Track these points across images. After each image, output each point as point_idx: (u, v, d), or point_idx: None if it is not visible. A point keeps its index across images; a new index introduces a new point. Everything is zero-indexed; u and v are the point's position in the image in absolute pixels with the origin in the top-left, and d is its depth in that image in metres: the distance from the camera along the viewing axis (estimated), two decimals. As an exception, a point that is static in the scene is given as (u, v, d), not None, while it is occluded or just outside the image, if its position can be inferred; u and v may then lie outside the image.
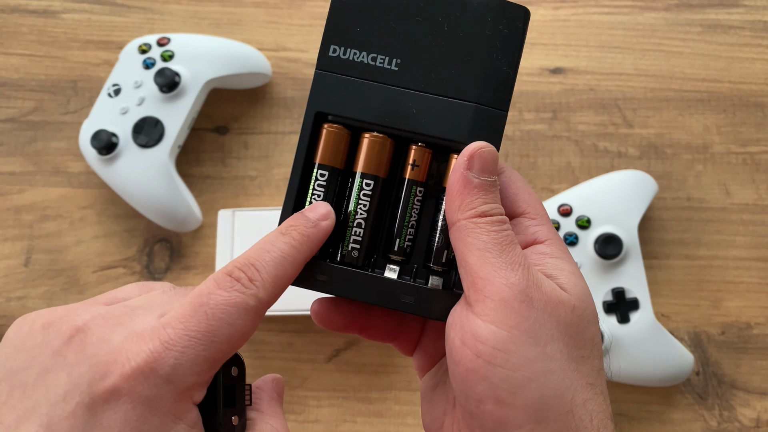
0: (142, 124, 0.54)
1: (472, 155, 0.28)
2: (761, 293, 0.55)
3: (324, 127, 0.31)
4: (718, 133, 0.58)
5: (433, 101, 0.30)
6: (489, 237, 0.27)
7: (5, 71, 0.61)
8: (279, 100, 0.60)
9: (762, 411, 0.53)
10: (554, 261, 0.28)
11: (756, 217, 0.56)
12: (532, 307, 0.26)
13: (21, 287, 0.57)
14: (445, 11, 0.30)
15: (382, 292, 0.30)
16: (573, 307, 0.27)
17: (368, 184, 0.30)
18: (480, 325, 0.26)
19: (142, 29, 0.61)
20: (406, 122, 0.30)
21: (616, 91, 0.59)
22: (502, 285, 0.26)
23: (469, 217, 0.27)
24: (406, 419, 0.53)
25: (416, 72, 0.30)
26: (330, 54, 0.30)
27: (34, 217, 0.58)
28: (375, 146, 0.31)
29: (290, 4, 0.62)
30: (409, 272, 0.31)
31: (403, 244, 0.31)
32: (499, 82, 0.30)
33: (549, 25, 0.60)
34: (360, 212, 0.31)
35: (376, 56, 0.30)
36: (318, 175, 0.31)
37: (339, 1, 0.31)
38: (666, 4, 0.60)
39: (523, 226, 0.29)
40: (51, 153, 0.59)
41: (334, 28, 0.31)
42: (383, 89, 0.30)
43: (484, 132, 0.29)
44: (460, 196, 0.28)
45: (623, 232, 0.51)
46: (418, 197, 0.31)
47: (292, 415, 0.54)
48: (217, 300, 0.25)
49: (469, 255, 0.27)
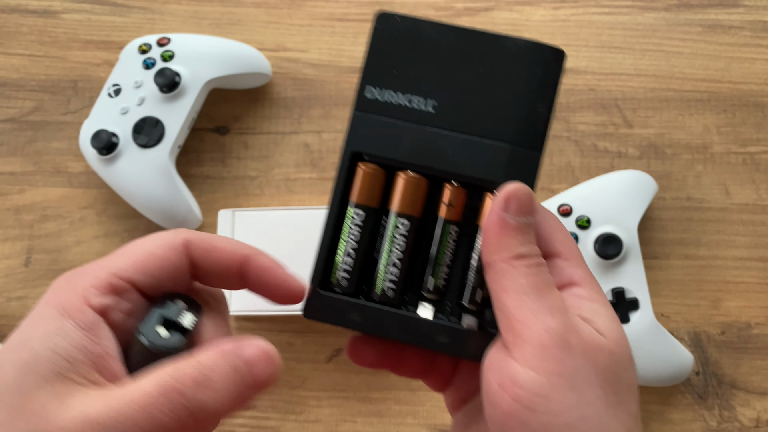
0: (143, 124, 0.54)
1: (509, 196, 0.28)
2: (761, 293, 0.55)
3: (360, 167, 0.31)
4: (718, 133, 0.58)
5: (469, 142, 0.30)
6: (527, 280, 0.27)
7: (5, 71, 0.61)
8: (279, 100, 0.60)
9: (762, 411, 0.53)
10: (590, 304, 0.28)
11: (756, 217, 0.56)
12: (571, 353, 0.26)
13: (21, 287, 0.57)
14: (481, 53, 0.30)
15: (417, 332, 0.30)
16: (611, 352, 0.27)
17: (403, 223, 0.31)
18: (519, 370, 0.26)
19: (143, 29, 0.61)
20: (441, 162, 0.30)
21: (616, 91, 0.59)
22: (541, 330, 0.26)
23: (507, 259, 0.27)
24: (406, 419, 0.53)
25: (452, 113, 0.30)
26: (367, 95, 0.31)
27: (35, 217, 0.58)
28: (410, 186, 0.31)
29: (290, 4, 0.62)
30: (442, 310, 0.31)
31: (437, 283, 0.31)
32: (534, 123, 0.30)
33: (549, 25, 0.60)
34: (395, 251, 0.31)
35: (412, 97, 0.30)
36: (354, 214, 0.31)
37: (376, 43, 0.31)
38: (666, 4, 0.60)
39: (558, 267, 0.29)
40: (51, 153, 0.59)
41: (371, 69, 0.31)
42: (419, 130, 0.30)
43: (519, 173, 0.30)
44: (497, 238, 0.28)
45: (623, 232, 0.51)
46: (452, 236, 0.31)
47: (292, 415, 0.54)
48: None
49: (507, 298, 0.27)
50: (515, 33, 0.60)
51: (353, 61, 0.60)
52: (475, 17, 0.61)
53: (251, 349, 0.25)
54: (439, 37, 0.31)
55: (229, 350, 0.25)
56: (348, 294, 0.31)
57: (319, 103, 0.59)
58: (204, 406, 0.23)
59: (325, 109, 0.59)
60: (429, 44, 0.31)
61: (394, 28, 0.31)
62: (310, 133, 0.59)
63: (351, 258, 0.31)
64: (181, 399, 0.23)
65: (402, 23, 0.31)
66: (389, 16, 0.31)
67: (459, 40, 0.30)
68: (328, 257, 0.31)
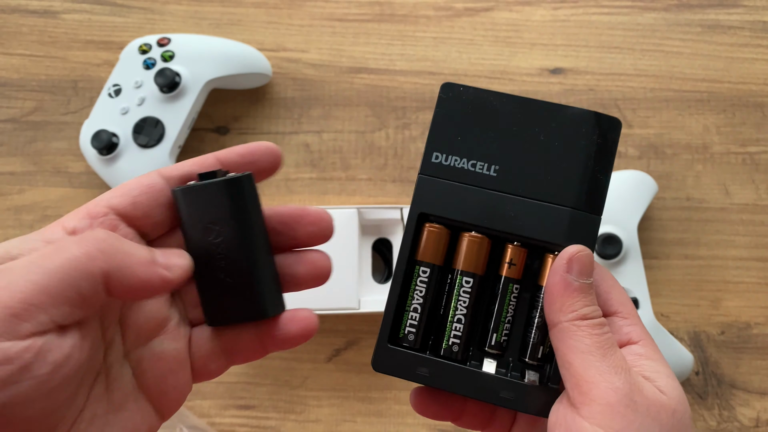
0: (143, 124, 0.54)
1: (571, 259, 0.29)
2: (761, 293, 0.55)
3: (426, 227, 0.33)
4: (717, 133, 0.58)
5: (530, 205, 0.32)
6: (591, 340, 0.28)
7: (6, 71, 0.61)
8: (279, 100, 0.60)
9: (762, 411, 0.53)
10: (650, 363, 0.29)
11: (756, 217, 0.56)
12: (637, 412, 0.27)
13: (21, 287, 0.57)
14: (542, 122, 0.32)
15: (481, 387, 0.31)
16: (673, 411, 0.28)
17: (467, 281, 0.32)
18: (587, 427, 0.27)
19: (143, 29, 0.61)
20: (504, 224, 0.32)
21: (616, 91, 0.59)
22: (608, 389, 0.27)
23: (572, 320, 0.29)
24: (406, 419, 0.54)
25: (514, 178, 0.32)
26: (433, 160, 0.33)
27: (35, 217, 0.58)
28: (474, 246, 0.32)
29: (290, 4, 0.62)
30: (505, 366, 0.32)
31: (500, 339, 0.32)
32: (593, 188, 0.32)
33: (549, 26, 0.60)
34: (460, 308, 0.32)
35: (476, 163, 0.32)
36: (420, 271, 0.32)
37: (441, 111, 0.33)
38: (666, 5, 0.60)
39: (616, 326, 0.30)
40: (51, 153, 0.59)
41: (436, 136, 0.33)
42: (482, 193, 0.32)
43: (579, 235, 0.31)
44: (561, 299, 0.29)
45: (623, 232, 0.51)
46: (514, 294, 0.32)
47: (293, 414, 0.54)
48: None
49: (573, 357, 0.28)
50: (515, 33, 0.60)
51: (353, 61, 0.60)
52: (475, 17, 0.61)
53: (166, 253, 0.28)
54: (500, 106, 0.33)
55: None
56: (415, 349, 0.32)
57: (319, 103, 0.59)
58: (104, 252, 0.25)
59: (325, 109, 0.59)
60: (491, 112, 0.33)
61: (458, 96, 0.33)
62: (310, 133, 0.59)
63: (417, 313, 0.32)
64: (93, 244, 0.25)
65: (465, 92, 0.33)
66: (453, 86, 0.33)
67: (520, 108, 0.32)
68: (396, 313, 0.32)
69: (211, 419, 0.54)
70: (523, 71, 0.59)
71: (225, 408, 0.54)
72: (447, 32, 0.61)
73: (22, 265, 0.23)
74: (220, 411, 0.54)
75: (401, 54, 0.60)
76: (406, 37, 0.61)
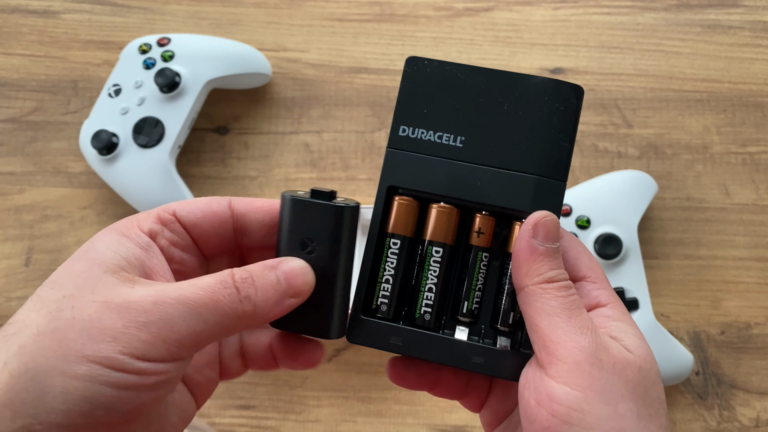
0: (143, 124, 0.54)
1: (537, 224, 0.30)
2: (761, 293, 0.55)
3: (395, 199, 0.33)
4: (717, 133, 0.58)
5: (496, 174, 0.32)
6: (557, 302, 0.29)
7: (6, 71, 0.61)
8: (279, 100, 0.60)
9: (762, 411, 0.53)
10: (617, 324, 0.30)
11: (756, 217, 0.56)
12: (603, 369, 0.27)
13: (21, 287, 0.57)
14: (505, 92, 0.33)
15: (454, 354, 0.32)
16: (639, 367, 0.28)
17: (437, 251, 0.33)
18: (554, 386, 0.28)
19: (143, 29, 0.61)
20: (471, 193, 0.32)
21: (616, 91, 0.59)
22: (574, 348, 0.28)
23: (537, 283, 0.29)
24: (406, 419, 0.54)
25: (479, 148, 0.32)
26: (400, 133, 0.33)
27: (35, 217, 0.58)
28: (443, 216, 0.33)
29: (290, 4, 0.62)
30: (477, 333, 0.33)
31: (471, 307, 0.33)
32: (557, 155, 0.32)
33: (549, 26, 0.60)
34: (430, 278, 0.33)
35: (442, 134, 0.33)
36: (391, 243, 0.33)
37: (406, 85, 0.33)
38: (666, 5, 0.60)
39: (585, 289, 0.31)
40: (51, 153, 0.59)
41: (403, 109, 0.33)
42: (449, 164, 0.33)
43: (545, 201, 0.32)
44: (527, 263, 0.30)
45: (623, 232, 0.51)
46: (483, 262, 0.33)
47: (292, 414, 0.54)
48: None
49: (540, 319, 0.29)
50: (515, 33, 0.60)
51: (353, 61, 0.60)
52: (475, 17, 0.61)
53: (289, 264, 0.29)
54: (464, 78, 0.33)
55: (270, 264, 0.29)
56: (388, 319, 0.33)
57: (319, 103, 0.59)
58: (249, 298, 0.27)
59: (325, 109, 0.59)
60: (455, 84, 0.33)
61: (423, 70, 0.33)
62: (310, 133, 0.59)
63: (389, 284, 0.33)
64: (235, 291, 0.27)
65: (429, 65, 0.33)
66: (418, 60, 0.33)
67: (484, 79, 0.33)
68: (368, 285, 0.33)
69: (211, 419, 0.54)
70: (523, 71, 0.59)
71: (225, 408, 0.54)
72: (447, 32, 0.61)
73: (179, 306, 0.25)
74: (220, 411, 0.54)
75: (401, 54, 0.60)
76: (406, 37, 0.61)
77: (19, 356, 0.24)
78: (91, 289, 0.25)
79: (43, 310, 0.25)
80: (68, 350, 0.24)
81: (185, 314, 0.25)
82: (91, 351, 0.24)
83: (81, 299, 0.25)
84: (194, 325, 0.25)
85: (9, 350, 0.24)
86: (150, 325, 0.25)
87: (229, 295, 0.26)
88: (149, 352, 0.25)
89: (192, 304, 0.25)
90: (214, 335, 0.26)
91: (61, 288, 0.26)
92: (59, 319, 0.24)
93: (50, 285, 0.26)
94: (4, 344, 0.24)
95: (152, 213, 0.29)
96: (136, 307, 0.25)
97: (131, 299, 0.25)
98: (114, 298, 0.25)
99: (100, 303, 0.25)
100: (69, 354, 0.24)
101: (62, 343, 0.24)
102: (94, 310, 0.25)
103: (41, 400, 0.23)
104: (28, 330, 0.24)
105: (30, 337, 0.24)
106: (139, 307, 0.25)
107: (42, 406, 0.23)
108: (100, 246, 0.27)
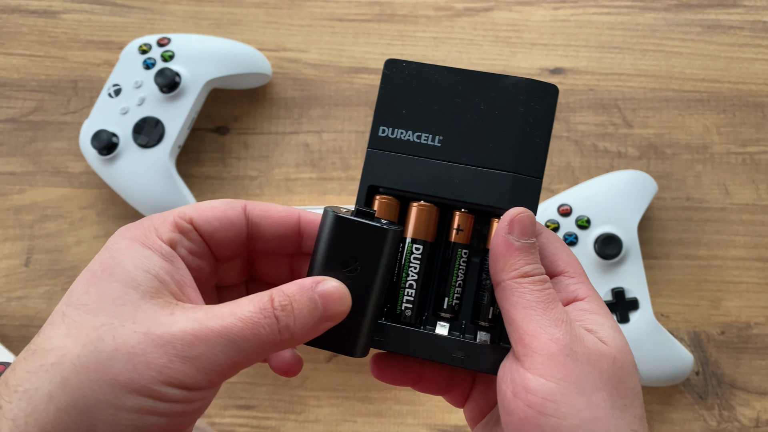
0: (143, 125, 0.54)
1: (512, 220, 0.30)
2: (761, 293, 0.55)
3: (376, 198, 0.34)
4: (717, 133, 0.58)
5: (474, 172, 0.33)
6: (533, 296, 0.29)
7: (6, 71, 0.61)
8: (279, 100, 0.60)
9: (761, 411, 0.53)
10: (594, 317, 0.30)
11: (756, 217, 0.56)
12: (577, 360, 0.28)
13: (21, 287, 0.57)
14: (481, 92, 0.33)
15: (435, 348, 0.32)
16: (614, 359, 0.29)
17: (417, 248, 0.33)
18: (530, 378, 0.28)
19: (143, 29, 0.61)
20: (450, 191, 0.33)
21: (616, 91, 0.59)
22: (548, 340, 0.28)
23: (513, 278, 0.30)
24: (406, 419, 0.54)
25: (457, 147, 0.33)
26: (380, 134, 0.34)
27: (35, 217, 0.58)
28: (423, 214, 0.34)
29: (290, 4, 0.62)
30: (458, 328, 0.34)
31: (451, 302, 0.34)
32: (533, 152, 0.33)
33: (549, 26, 0.60)
34: (411, 274, 0.33)
35: (421, 134, 0.33)
36: None
37: (386, 87, 0.34)
38: (666, 5, 0.60)
39: (563, 284, 0.31)
40: (51, 153, 0.59)
41: (382, 111, 0.34)
42: (428, 163, 0.33)
43: (521, 198, 0.32)
44: (504, 259, 0.30)
45: (623, 232, 0.51)
46: (463, 258, 0.34)
47: (292, 414, 0.54)
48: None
49: (515, 313, 0.29)
50: (515, 33, 0.60)
51: (353, 61, 0.60)
52: (475, 17, 0.61)
53: (326, 286, 0.29)
54: (441, 78, 0.34)
55: (309, 286, 0.29)
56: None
57: (319, 103, 0.59)
58: (288, 328, 0.27)
59: (325, 109, 0.59)
60: (433, 85, 0.34)
61: (401, 72, 0.34)
62: (310, 133, 0.59)
63: None
64: (275, 321, 0.27)
65: (407, 67, 0.34)
66: (396, 62, 0.34)
67: (460, 80, 0.34)
68: None
69: (211, 419, 0.54)
70: (523, 71, 0.59)
71: (225, 408, 0.54)
72: (447, 32, 0.61)
73: (221, 340, 0.26)
74: (220, 411, 0.54)
75: (401, 54, 0.60)
76: (406, 37, 0.61)
77: (63, 388, 0.24)
78: (132, 319, 0.25)
79: (81, 337, 0.25)
80: (114, 383, 0.24)
81: (227, 348, 0.26)
82: (138, 384, 0.24)
83: (122, 329, 0.25)
84: (234, 356, 0.26)
85: (52, 382, 0.24)
86: (193, 360, 0.25)
87: (268, 326, 0.27)
88: (192, 383, 0.25)
89: (233, 338, 0.26)
90: (252, 362, 0.27)
91: (97, 314, 0.25)
92: (101, 351, 0.24)
93: (83, 309, 0.26)
94: (45, 375, 0.24)
95: (168, 220, 0.29)
96: (179, 341, 0.25)
97: (173, 332, 0.25)
98: (156, 329, 0.25)
99: (143, 335, 0.25)
100: (116, 387, 0.24)
101: (107, 376, 0.24)
102: (136, 341, 0.25)
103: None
104: (68, 360, 0.24)
105: (72, 368, 0.24)
106: (183, 341, 0.25)
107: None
108: (127, 264, 0.27)
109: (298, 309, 0.28)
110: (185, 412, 0.26)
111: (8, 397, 0.24)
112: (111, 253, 0.27)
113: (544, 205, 0.53)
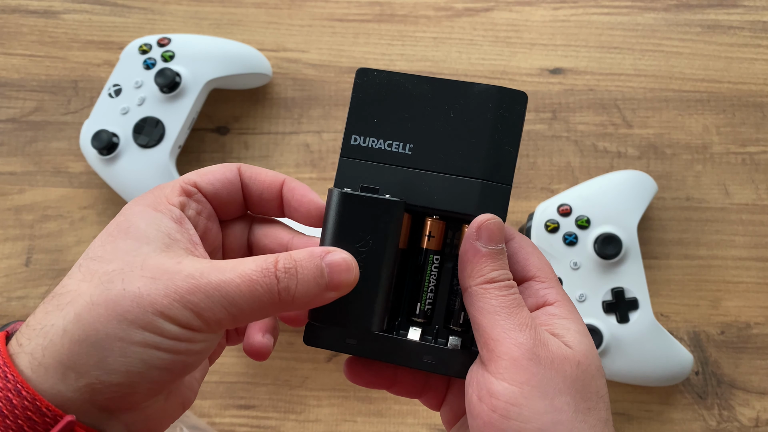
0: (143, 125, 0.54)
1: (480, 227, 0.31)
2: (760, 293, 0.55)
3: None
4: (717, 133, 0.58)
5: (444, 179, 0.33)
6: (498, 301, 0.30)
7: (6, 71, 0.61)
8: (279, 100, 0.60)
9: (761, 410, 0.53)
10: (562, 321, 0.31)
11: (755, 217, 0.56)
12: (540, 364, 0.28)
13: (22, 287, 0.57)
14: (451, 100, 0.34)
15: (405, 354, 0.33)
16: (578, 362, 0.29)
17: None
18: (494, 382, 0.28)
19: (143, 29, 0.61)
20: (421, 199, 0.33)
21: (616, 92, 0.59)
22: (512, 345, 0.29)
23: (480, 284, 0.30)
24: (406, 419, 0.54)
25: (428, 154, 0.33)
26: (352, 143, 0.34)
27: (35, 217, 0.58)
28: None
29: (290, 4, 0.62)
30: (431, 333, 0.34)
31: (423, 308, 0.34)
32: (502, 160, 0.33)
33: (549, 26, 0.60)
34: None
35: (392, 143, 0.34)
36: None
37: (357, 96, 0.34)
38: (665, 5, 0.60)
39: (533, 289, 0.32)
40: (52, 153, 0.59)
41: (354, 119, 0.34)
42: (399, 171, 0.34)
43: (490, 205, 0.33)
44: (471, 265, 0.31)
45: (623, 231, 0.51)
46: (435, 264, 0.34)
47: (293, 414, 0.54)
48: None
49: (481, 318, 0.30)
50: (515, 33, 0.60)
51: (353, 62, 0.60)
52: (475, 17, 0.61)
53: (335, 256, 0.29)
54: (412, 87, 0.34)
55: (317, 254, 0.29)
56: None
57: (319, 103, 0.60)
58: (288, 290, 0.28)
59: (325, 109, 0.59)
60: (404, 94, 0.34)
61: (373, 81, 0.34)
62: (310, 133, 0.59)
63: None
64: (274, 281, 0.28)
65: (378, 76, 0.34)
66: (368, 71, 0.34)
67: (430, 88, 0.34)
68: None
69: (211, 419, 0.54)
70: (523, 71, 0.59)
71: (225, 408, 0.54)
72: (447, 32, 0.61)
73: (217, 293, 0.27)
74: (220, 411, 0.54)
75: (401, 54, 0.60)
76: (406, 37, 0.61)
77: (76, 323, 0.26)
78: (141, 266, 0.27)
79: (94, 281, 0.27)
80: (122, 319, 0.26)
81: (223, 301, 0.27)
82: (143, 321, 0.26)
83: (131, 274, 0.27)
84: (231, 309, 0.27)
85: (66, 318, 0.26)
86: (192, 306, 0.26)
87: (266, 285, 0.27)
88: (194, 325, 0.27)
89: (229, 291, 0.27)
90: (250, 318, 0.28)
91: (110, 263, 0.27)
92: (111, 290, 0.26)
93: (97, 259, 0.28)
94: (60, 312, 0.26)
95: (176, 186, 0.31)
96: (181, 287, 0.27)
97: (176, 278, 0.27)
98: (161, 275, 0.27)
99: (149, 279, 0.27)
100: (123, 322, 0.26)
101: (116, 312, 0.26)
102: (143, 284, 0.26)
103: (103, 362, 0.26)
104: (82, 299, 0.26)
105: (85, 306, 0.26)
106: (184, 288, 0.27)
107: (103, 368, 0.26)
108: (141, 224, 0.29)
109: (302, 274, 0.28)
110: (189, 351, 0.27)
111: (28, 336, 0.26)
112: (126, 217, 0.29)
113: (544, 205, 0.53)
